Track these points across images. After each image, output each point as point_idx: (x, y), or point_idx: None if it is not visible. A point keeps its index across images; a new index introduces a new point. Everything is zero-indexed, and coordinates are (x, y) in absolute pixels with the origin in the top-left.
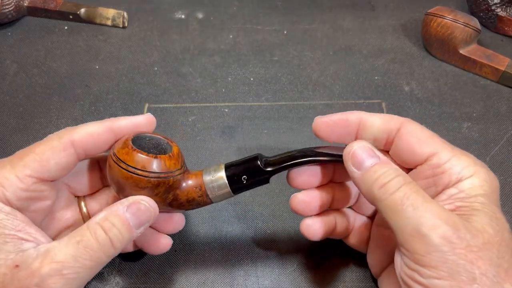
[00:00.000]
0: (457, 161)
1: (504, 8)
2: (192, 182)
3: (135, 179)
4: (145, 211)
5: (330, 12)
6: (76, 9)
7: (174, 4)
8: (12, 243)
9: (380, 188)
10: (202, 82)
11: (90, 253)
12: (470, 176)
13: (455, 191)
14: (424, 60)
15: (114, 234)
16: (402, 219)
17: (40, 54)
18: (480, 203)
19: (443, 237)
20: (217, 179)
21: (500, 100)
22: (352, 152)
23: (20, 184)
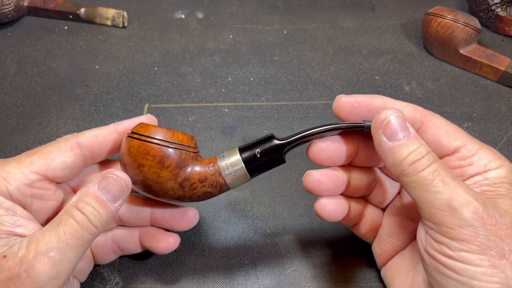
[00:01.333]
0: (484, 154)
1: (504, 8)
2: (204, 163)
3: (146, 147)
4: (115, 183)
5: (330, 12)
6: (76, 9)
7: (174, 4)
8: (6, 239)
9: (410, 164)
10: (202, 82)
11: (71, 232)
12: (496, 168)
13: (480, 178)
14: (424, 60)
15: (89, 212)
16: (431, 194)
17: (40, 54)
18: (505, 189)
19: (475, 213)
20: (232, 160)
21: (500, 100)
22: (386, 121)
23: (24, 180)
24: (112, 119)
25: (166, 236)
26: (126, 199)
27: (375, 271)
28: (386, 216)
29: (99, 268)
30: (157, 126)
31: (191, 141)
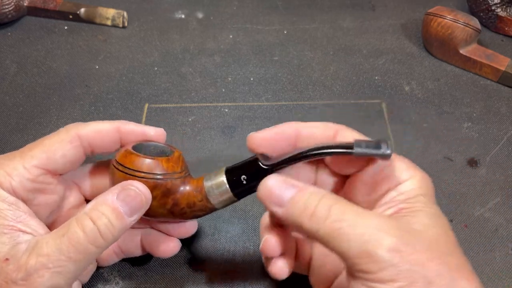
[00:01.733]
0: (395, 166)
1: (504, 8)
2: (192, 187)
3: (131, 180)
4: (136, 196)
5: (330, 12)
6: (76, 9)
7: (174, 4)
8: (9, 235)
9: (310, 218)
10: (202, 82)
11: (75, 245)
12: (408, 179)
13: (395, 194)
14: (424, 60)
15: (103, 223)
16: (344, 243)
17: (40, 54)
18: (421, 202)
19: (390, 250)
20: (218, 183)
21: (500, 100)
22: (267, 191)
23: (27, 175)
24: (112, 119)
25: (166, 240)
26: (141, 215)
27: None
28: (315, 246)
29: (99, 269)
30: (142, 156)
31: (177, 165)
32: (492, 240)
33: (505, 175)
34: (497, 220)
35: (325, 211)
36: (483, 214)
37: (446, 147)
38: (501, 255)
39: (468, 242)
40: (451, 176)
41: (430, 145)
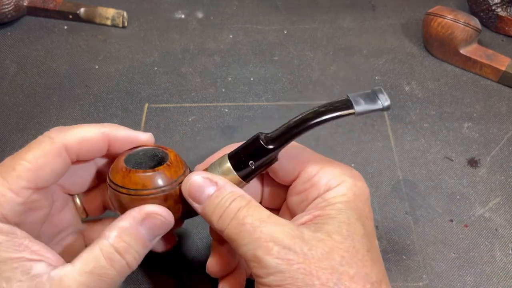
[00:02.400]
0: (324, 172)
1: (505, 8)
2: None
3: (140, 200)
4: (162, 225)
5: (330, 12)
6: (75, 9)
7: (174, 4)
8: (20, 268)
9: (219, 218)
10: (202, 82)
11: (105, 280)
12: (336, 186)
13: (319, 201)
14: (425, 60)
15: (131, 255)
16: (242, 247)
17: (40, 54)
18: (336, 209)
19: (277, 257)
20: (224, 171)
21: (501, 100)
22: (188, 187)
23: (16, 199)
24: (112, 119)
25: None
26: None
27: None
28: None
29: None
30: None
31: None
32: (492, 240)
33: (506, 175)
34: (497, 220)
35: (233, 212)
36: (483, 214)
37: (446, 147)
38: (501, 255)
39: (468, 242)
40: (452, 176)
41: (430, 145)
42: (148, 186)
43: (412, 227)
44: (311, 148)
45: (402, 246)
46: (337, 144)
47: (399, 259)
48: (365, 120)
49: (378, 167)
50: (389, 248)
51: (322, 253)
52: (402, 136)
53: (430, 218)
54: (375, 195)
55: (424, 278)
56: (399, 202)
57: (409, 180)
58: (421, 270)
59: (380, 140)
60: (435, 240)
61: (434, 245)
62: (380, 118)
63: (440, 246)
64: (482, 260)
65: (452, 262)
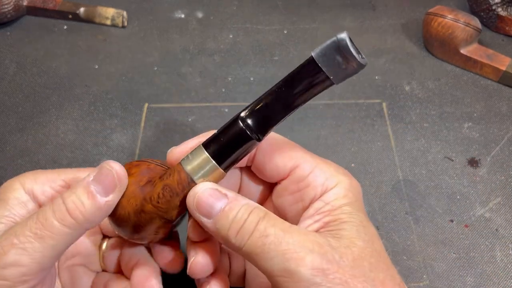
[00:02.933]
0: (320, 172)
1: (505, 8)
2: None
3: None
4: (107, 174)
5: (331, 11)
6: (75, 9)
7: (174, 4)
8: (4, 224)
9: (237, 234)
10: (202, 82)
11: (42, 222)
12: (334, 186)
13: (321, 204)
14: (425, 60)
15: (71, 201)
16: (268, 261)
17: (39, 53)
18: (347, 213)
19: (312, 268)
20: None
21: (501, 100)
22: (196, 201)
23: (49, 182)
24: (111, 119)
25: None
26: (120, 194)
27: None
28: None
29: None
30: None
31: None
32: (493, 240)
33: (506, 175)
34: (497, 220)
35: (253, 225)
36: (484, 214)
37: (446, 147)
38: (501, 255)
39: (468, 242)
40: (452, 176)
41: (430, 145)
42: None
43: (412, 227)
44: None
45: (402, 247)
46: (337, 144)
47: (399, 259)
48: (365, 120)
49: (378, 167)
50: (389, 249)
51: (352, 261)
52: (402, 136)
53: (430, 218)
54: (375, 195)
55: (424, 278)
56: (399, 202)
57: (409, 180)
58: (421, 270)
59: (380, 140)
60: (435, 240)
61: (434, 245)
62: (380, 118)
63: (440, 246)
64: (483, 260)
65: (453, 262)
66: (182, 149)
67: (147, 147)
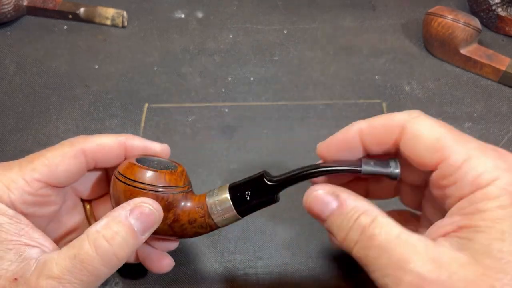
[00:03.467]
0: (471, 166)
1: (505, 8)
2: (194, 202)
3: (132, 192)
4: (150, 214)
5: (331, 11)
6: (75, 9)
7: (174, 4)
8: (14, 250)
9: (343, 240)
10: (202, 82)
11: (87, 267)
12: (487, 185)
13: (466, 204)
14: (425, 60)
15: (117, 242)
16: (371, 273)
17: (39, 53)
18: (488, 220)
19: (411, 286)
20: (221, 200)
21: (501, 100)
22: (310, 202)
23: (27, 188)
24: (111, 119)
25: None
26: (152, 232)
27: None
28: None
29: None
30: (145, 168)
31: (180, 179)
32: None
33: None
34: None
35: (357, 233)
36: None
37: None
38: None
39: None
40: None
41: None
42: (145, 181)
43: None
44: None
45: None
46: None
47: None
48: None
49: None
50: None
51: (464, 283)
52: None
53: None
54: None
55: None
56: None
57: None
58: None
59: None
60: None
61: None
62: None
63: None
64: None
65: None
66: (326, 145)
67: None
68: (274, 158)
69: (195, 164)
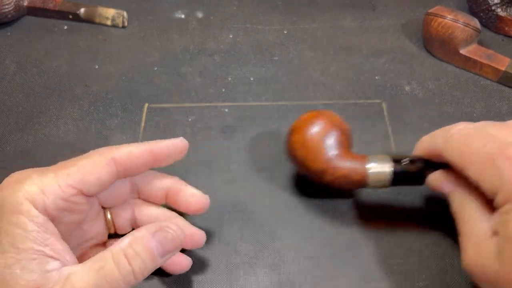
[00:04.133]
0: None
1: (505, 8)
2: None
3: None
4: (172, 240)
5: (331, 11)
6: (75, 9)
7: (174, 4)
8: (38, 261)
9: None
10: (202, 82)
11: (111, 283)
12: None
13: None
14: (425, 60)
15: (137, 263)
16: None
17: (40, 54)
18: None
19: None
20: (382, 168)
21: (501, 100)
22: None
23: (61, 193)
24: (112, 119)
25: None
26: (172, 256)
27: (374, 263)
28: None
29: None
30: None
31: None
32: None
33: None
34: None
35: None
36: None
37: None
38: None
39: None
40: None
41: None
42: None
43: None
44: None
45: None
46: None
47: None
48: (365, 120)
49: None
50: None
51: None
52: (402, 136)
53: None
54: None
55: None
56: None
57: None
58: None
59: (380, 140)
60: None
61: None
62: (380, 118)
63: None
64: None
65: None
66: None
67: None
68: (274, 158)
69: (195, 164)
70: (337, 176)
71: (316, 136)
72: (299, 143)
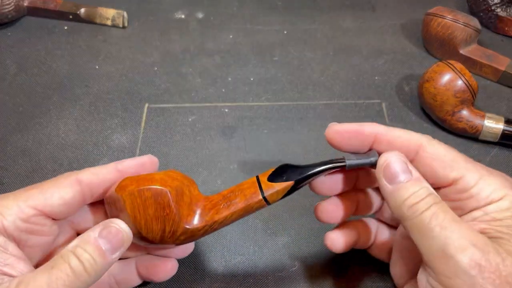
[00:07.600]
0: (485, 184)
1: (504, 8)
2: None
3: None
4: (116, 234)
5: (330, 12)
6: (76, 9)
7: (174, 4)
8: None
9: (409, 207)
10: (202, 82)
11: (63, 278)
12: (498, 200)
13: (480, 214)
14: (425, 60)
15: (86, 259)
16: (428, 239)
17: (40, 54)
18: (506, 226)
19: (471, 259)
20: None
21: (501, 100)
22: (386, 164)
23: (20, 214)
24: (112, 119)
25: (163, 262)
26: (124, 251)
27: (377, 267)
28: (397, 239)
29: None
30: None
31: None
32: None
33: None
34: None
35: (425, 205)
36: None
37: None
38: None
39: None
40: None
41: None
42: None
43: None
44: (311, 148)
45: None
46: None
47: None
48: (365, 120)
49: None
50: None
51: (510, 271)
52: None
53: None
54: None
55: None
56: None
57: None
58: None
59: None
60: None
61: None
62: (380, 118)
63: None
64: None
65: None
66: (339, 128)
67: (147, 147)
68: (274, 158)
69: (195, 164)
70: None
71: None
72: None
